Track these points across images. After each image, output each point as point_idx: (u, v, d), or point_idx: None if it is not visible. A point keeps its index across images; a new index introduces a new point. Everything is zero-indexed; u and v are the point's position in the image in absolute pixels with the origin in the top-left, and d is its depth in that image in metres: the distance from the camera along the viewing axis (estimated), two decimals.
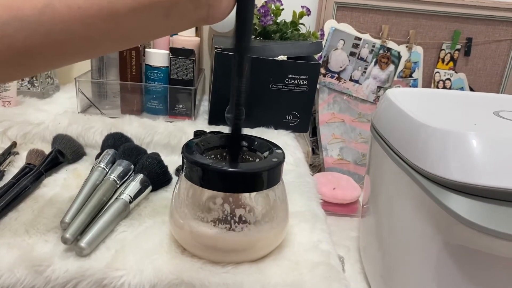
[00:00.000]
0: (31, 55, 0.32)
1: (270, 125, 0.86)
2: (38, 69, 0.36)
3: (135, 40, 0.38)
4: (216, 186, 0.46)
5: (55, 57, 0.34)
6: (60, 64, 0.36)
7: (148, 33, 0.38)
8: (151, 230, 0.54)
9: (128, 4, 0.33)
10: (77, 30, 0.32)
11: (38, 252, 0.48)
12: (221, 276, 0.46)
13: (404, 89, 0.99)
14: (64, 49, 0.33)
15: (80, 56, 0.36)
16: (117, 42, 0.36)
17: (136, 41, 0.39)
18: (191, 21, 0.38)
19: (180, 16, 0.36)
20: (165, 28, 0.38)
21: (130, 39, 0.37)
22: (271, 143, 0.53)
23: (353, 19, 1.11)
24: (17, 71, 0.34)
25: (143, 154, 0.66)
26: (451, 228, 0.48)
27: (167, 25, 0.37)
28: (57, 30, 0.31)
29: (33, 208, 0.56)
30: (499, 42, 1.15)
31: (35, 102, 0.88)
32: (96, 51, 0.37)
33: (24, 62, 0.32)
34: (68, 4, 0.31)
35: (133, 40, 0.38)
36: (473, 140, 0.48)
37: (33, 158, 0.66)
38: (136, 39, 0.38)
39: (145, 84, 0.85)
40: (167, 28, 0.38)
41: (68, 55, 0.35)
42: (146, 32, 0.37)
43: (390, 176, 0.63)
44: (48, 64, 0.35)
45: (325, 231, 0.57)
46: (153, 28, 0.37)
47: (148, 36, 0.38)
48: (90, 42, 0.34)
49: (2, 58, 0.31)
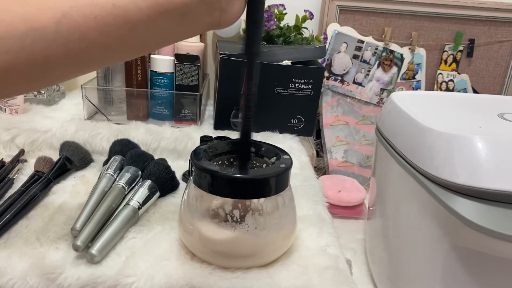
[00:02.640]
0: (49, 66, 0.32)
1: (275, 129, 0.87)
2: (57, 79, 0.37)
3: (151, 46, 0.39)
4: (225, 192, 0.47)
5: (73, 66, 0.34)
6: (78, 73, 0.36)
7: (163, 39, 0.38)
8: (161, 236, 0.54)
9: (143, 12, 0.34)
10: (94, 39, 0.33)
11: (49, 259, 0.48)
12: (231, 281, 0.47)
13: (408, 92, 0.99)
14: (81, 58, 0.34)
15: (97, 64, 0.37)
16: (133, 49, 0.37)
17: (152, 47, 0.39)
18: (205, 25, 0.39)
19: (194, 21, 0.37)
20: (179, 33, 0.38)
21: (146, 45, 0.37)
22: (278, 148, 0.53)
23: (355, 22, 1.12)
24: (37, 82, 0.34)
25: (150, 160, 0.67)
26: (458, 231, 0.49)
27: (181, 30, 0.37)
28: (75, 40, 0.32)
29: (43, 216, 0.57)
30: (501, 43, 1.15)
31: (42, 109, 0.89)
32: (113, 59, 0.38)
33: (43, 73, 0.33)
34: (85, 13, 0.32)
35: (149, 46, 0.39)
36: (479, 144, 0.49)
37: (42, 166, 0.67)
38: (152, 45, 0.39)
39: (151, 90, 0.86)
40: (181, 33, 0.38)
41: (85, 64, 0.35)
42: (161, 37, 0.37)
43: (396, 179, 0.63)
44: (66, 74, 0.35)
45: (332, 235, 0.57)
46: (168, 33, 0.37)
47: (163, 41, 0.38)
48: (107, 50, 0.34)
49: (21, 69, 0.31)
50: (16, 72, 0.31)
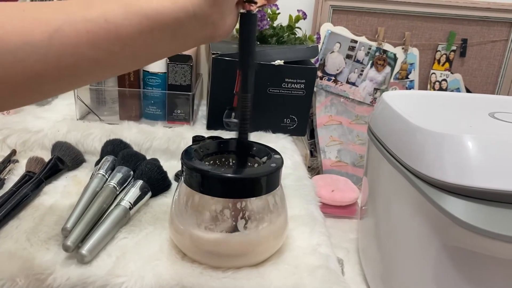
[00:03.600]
0: (42, 80, 0.33)
1: (268, 129, 0.87)
2: (49, 93, 0.37)
3: (142, 61, 0.39)
4: (216, 192, 0.47)
5: (65, 80, 0.34)
6: (70, 87, 0.37)
7: (155, 54, 0.38)
8: (152, 236, 0.54)
9: (135, 27, 0.34)
10: (86, 53, 0.33)
11: (39, 260, 0.48)
12: (221, 281, 0.47)
13: (400, 92, 1.00)
14: (74, 72, 0.34)
15: (89, 78, 0.37)
16: (125, 64, 0.37)
17: (144, 62, 0.39)
18: (197, 40, 0.39)
19: (186, 36, 0.37)
20: (172, 48, 0.38)
21: (138, 60, 0.38)
22: (269, 148, 0.53)
23: (349, 22, 1.12)
24: (29, 96, 0.35)
25: (142, 160, 0.67)
26: (448, 230, 0.49)
27: (173, 45, 0.38)
28: (67, 54, 0.32)
29: (34, 216, 0.56)
30: (494, 42, 1.16)
31: (34, 109, 0.88)
32: (105, 73, 0.38)
33: (35, 87, 0.33)
34: (77, 28, 0.32)
35: (141, 61, 0.39)
36: (468, 143, 0.49)
37: (33, 166, 0.66)
38: (143, 60, 0.39)
39: (143, 90, 0.86)
40: (174, 48, 0.38)
41: (77, 78, 0.35)
42: (153, 52, 0.37)
43: (387, 179, 0.63)
44: (58, 88, 0.36)
45: (324, 234, 0.57)
46: (160, 48, 0.37)
47: (155, 56, 0.38)
48: (99, 64, 0.34)
49: (14, 83, 0.31)
50: (8, 86, 0.31)
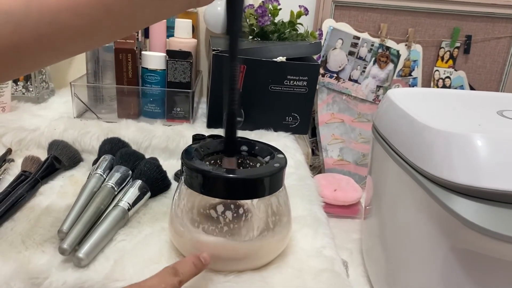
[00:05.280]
0: (19, 52, 0.30)
1: (269, 127, 0.85)
2: (29, 67, 0.34)
3: (128, 28, 0.36)
4: (217, 193, 0.45)
5: (46, 52, 0.32)
6: (51, 60, 0.34)
7: (141, 20, 0.36)
8: (151, 238, 0.52)
9: None
10: (66, 21, 0.30)
11: (35, 263, 0.46)
12: (223, 285, 0.45)
13: (405, 89, 0.98)
14: (54, 42, 0.31)
15: (72, 49, 0.34)
16: (110, 31, 0.35)
17: (129, 29, 0.37)
18: (183, 4, 0.36)
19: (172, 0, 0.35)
20: (158, 13, 0.36)
21: (123, 27, 0.35)
22: (272, 147, 0.52)
23: (351, 18, 1.10)
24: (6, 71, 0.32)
25: (141, 159, 0.65)
26: (458, 232, 0.48)
27: (158, 10, 0.35)
28: (46, 22, 0.30)
29: (29, 218, 0.55)
30: (498, 39, 1.14)
31: (30, 107, 0.87)
32: (89, 43, 0.35)
33: (13, 60, 0.31)
34: None
35: (126, 28, 0.36)
36: (479, 142, 0.48)
37: (29, 165, 0.65)
38: (129, 27, 0.36)
39: (142, 88, 0.84)
40: (160, 13, 0.36)
41: (59, 49, 0.33)
42: (138, 19, 0.35)
43: (393, 178, 0.62)
44: (38, 61, 0.33)
45: (328, 236, 0.56)
46: (146, 13, 0.35)
47: (141, 22, 0.36)
48: (81, 32, 0.32)
49: None
50: None
